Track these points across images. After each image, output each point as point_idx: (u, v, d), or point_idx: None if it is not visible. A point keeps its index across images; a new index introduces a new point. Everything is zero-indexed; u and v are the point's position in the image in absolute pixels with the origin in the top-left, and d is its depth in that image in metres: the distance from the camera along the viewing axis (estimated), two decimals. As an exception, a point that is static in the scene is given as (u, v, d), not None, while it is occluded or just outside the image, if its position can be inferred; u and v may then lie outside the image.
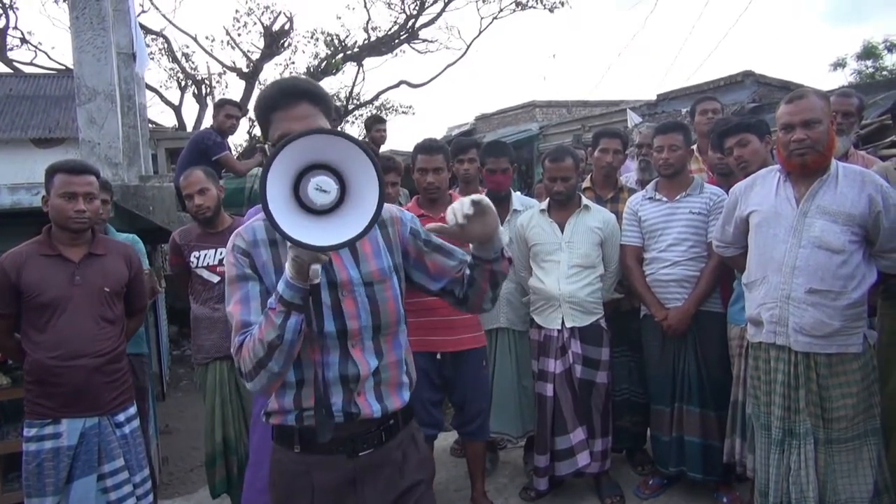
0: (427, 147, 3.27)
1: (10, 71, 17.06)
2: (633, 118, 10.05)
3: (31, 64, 17.87)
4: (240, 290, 1.54)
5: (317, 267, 1.39)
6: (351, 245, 1.41)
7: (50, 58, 25.52)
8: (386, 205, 1.61)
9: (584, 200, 3.47)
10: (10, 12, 17.28)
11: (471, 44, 19.78)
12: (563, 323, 3.34)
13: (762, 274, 2.58)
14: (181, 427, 5.33)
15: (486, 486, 3.49)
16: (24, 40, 17.98)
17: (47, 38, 53.90)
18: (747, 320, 2.72)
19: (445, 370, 3.23)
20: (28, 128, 13.48)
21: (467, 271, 1.69)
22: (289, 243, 1.32)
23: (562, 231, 3.40)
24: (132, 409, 2.75)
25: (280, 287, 1.42)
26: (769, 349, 2.56)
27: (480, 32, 22.08)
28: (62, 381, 2.53)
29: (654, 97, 10.63)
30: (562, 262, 3.37)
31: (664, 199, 3.37)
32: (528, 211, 3.60)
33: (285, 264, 1.42)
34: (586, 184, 3.85)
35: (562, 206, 3.44)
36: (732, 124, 3.19)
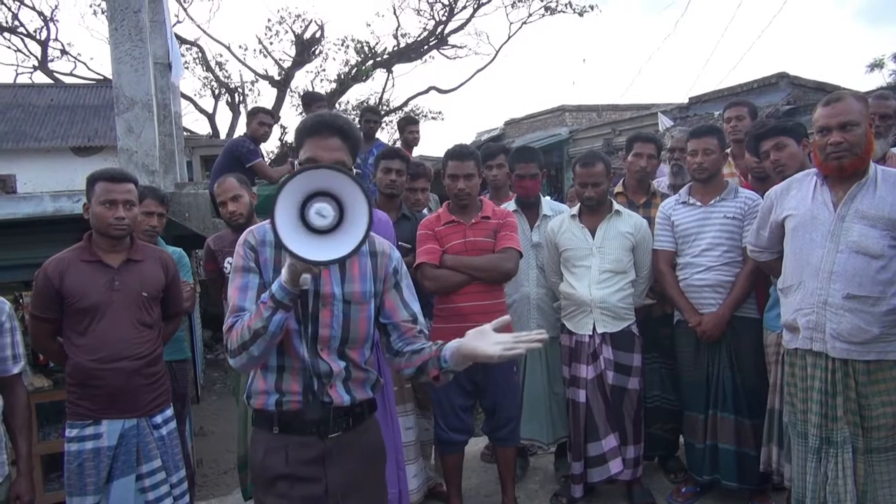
0: (458, 153, 3.28)
1: (51, 81, 17.55)
2: (664, 122, 9.95)
3: (70, 74, 18.38)
4: (241, 278, 1.82)
5: (307, 276, 1.64)
6: (340, 263, 1.76)
7: (89, 68, 26.26)
8: (381, 239, 1.96)
9: (616, 205, 3.46)
10: (51, 24, 17.78)
11: (500, 49, 19.81)
12: (594, 329, 3.32)
13: (798, 279, 2.54)
14: (215, 430, 5.42)
15: (517, 493, 3.48)
16: (64, 51, 18.55)
17: (86, 49, 55.31)
18: (783, 326, 2.68)
19: (476, 376, 3.23)
20: (68, 137, 13.85)
21: (416, 358, 1.87)
22: (288, 253, 1.54)
23: (593, 236, 3.39)
24: (169, 412, 2.80)
25: (274, 287, 1.67)
26: (806, 356, 2.52)
27: (510, 38, 22.14)
28: (102, 383, 2.59)
29: (685, 100, 10.51)
30: (593, 268, 3.35)
31: (698, 203, 3.34)
32: (559, 216, 3.59)
33: (283, 267, 1.67)
34: (618, 189, 3.83)
35: (593, 212, 3.42)
36: (769, 127, 3.14)
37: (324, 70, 19.31)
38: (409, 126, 6.19)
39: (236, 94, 18.42)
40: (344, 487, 1.85)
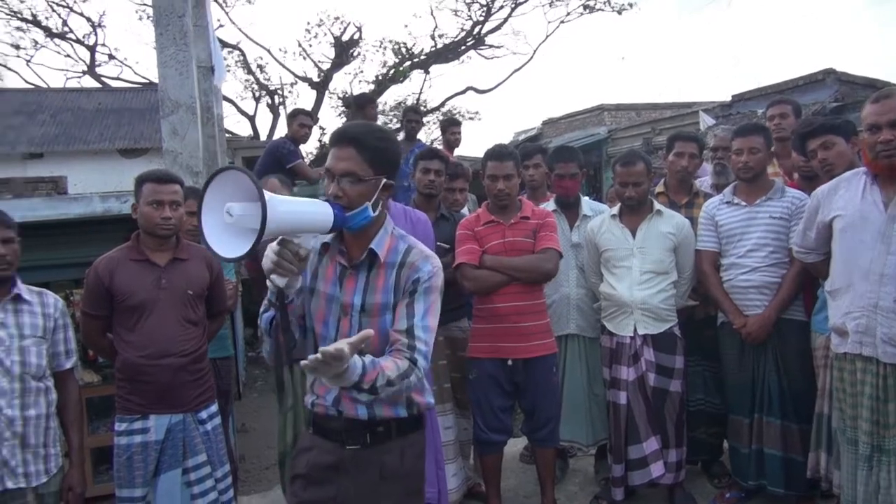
0: (497, 153, 3.27)
1: (99, 86, 18.05)
2: (705, 120, 9.78)
3: (117, 79, 18.84)
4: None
5: (274, 277, 1.72)
6: (365, 275, 1.87)
7: (135, 72, 26.96)
8: (420, 251, 1.89)
9: (657, 205, 3.41)
10: (99, 30, 18.30)
11: (537, 48, 19.73)
12: (635, 330, 3.29)
13: (847, 282, 2.48)
14: (257, 427, 5.49)
15: (556, 494, 3.46)
16: (111, 56, 19.02)
17: (132, 53, 56.77)
18: (831, 330, 2.62)
19: (516, 376, 3.22)
20: (115, 139, 14.24)
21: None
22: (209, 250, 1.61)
23: (633, 237, 3.35)
24: (214, 408, 2.86)
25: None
26: (855, 360, 2.45)
27: (547, 37, 22.03)
28: (150, 378, 2.66)
29: (728, 98, 10.31)
30: (634, 268, 3.31)
31: (743, 203, 3.27)
32: (599, 216, 3.56)
33: (319, 270, 1.85)
34: (659, 188, 3.78)
35: (633, 212, 3.39)
36: (816, 125, 3.07)
37: (361, 72, 19.51)
38: (451, 127, 6.21)
39: (276, 96, 18.68)
40: (354, 503, 1.86)
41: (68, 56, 18.86)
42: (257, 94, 19.25)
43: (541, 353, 3.21)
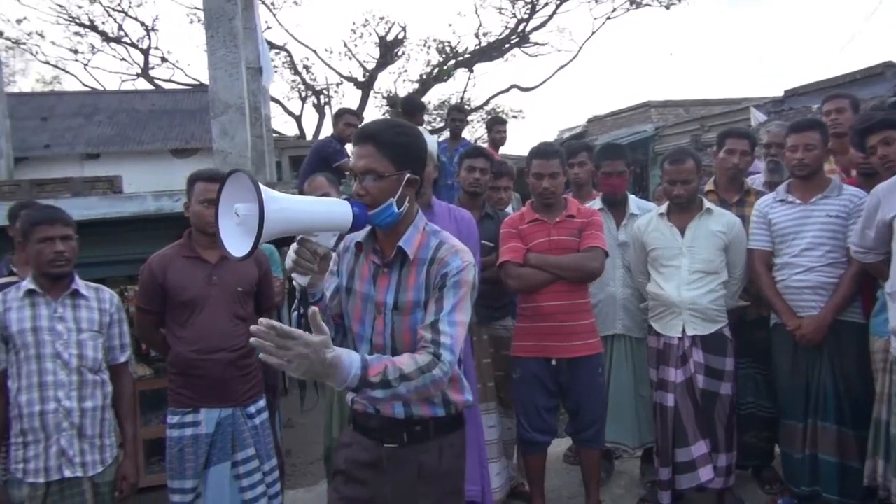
0: (543, 151, 3.25)
1: (152, 87, 18.59)
2: (756, 116, 9.52)
3: (169, 81, 19.43)
4: (328, 281, 1.94)
5: (295, 276, 1.74)
6: (397, 273, 1.85)
7: (186, 74, 27.71)
8: (451, 245, 1.85)
9: (707, 203, 3.34)
10: (153, 34, 18.83)
11: (583, 45, 19.55)
12: (683, 331, 3.22)
13: (909, 283, 2.38)
14: (303, 422, 5.58)
15: (601, 496, 3.42)
16: (164, 59, 19.59)
17: (184, 56, 58.22)
18: (891, 333, 2.52)
19: (560, 376, 3.19)
20: (167, 139, 14.62)
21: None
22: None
23: (682, 235, 3.28)
24: (262, 402, 2.91)
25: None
26: (918, 364, 2.35)
27: (593, 33, 21.76)
28: (201, 373, 2.72)
29: (780, 93, 10.02)
30: (682, 268, 3.25)
31: (798, 201, 3.17)
32: (647, 215, 3.50)
33: (356, 270, 1.89)
34: (709, 186, 3.69)
35: (682, 210, 3.32)
36: (876, 121, 2.95)
37: (406, 71, 19.65)
38: (496, 125, 6.20)
39: (322, 96, 18.95)
40: (392, 503, 1.86)
41: (123, 59, 19.63)
42: (303, 94, 19.56)
43: (585, 353, 3.18)
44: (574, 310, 3.17)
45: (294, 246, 1.73)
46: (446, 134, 6.81)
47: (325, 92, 19.03)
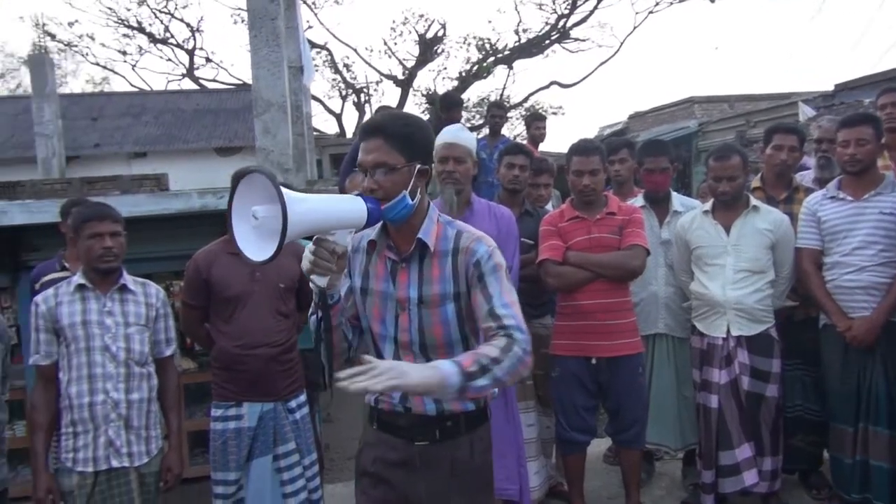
0: (583, 148, 3.21)
1: (197, 87, 18.99)
2: (805, 111, 9.27)
3: (213, 80, 19.79)
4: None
5: (314, 277, 1.68)
6: (418, 266, 1.81)
7: (230, 74, 28.08)
8: (472, 234, 1.83)
9: (753, 201, 3.25)
10: (198, 35, 19.24)
11: (624, 40, 19.27)
12: (728, 331, 3.15)
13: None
14: (342, 417, 5.63)
15: (642, 498, 3.37)
16: (208, 59, 19.97)
17: (227, 56, 59.30)
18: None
19: (600, 376, 3.16)
20: (211, 138, 14.93)
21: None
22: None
23: (727, 233, 3.21)
24: (302, 397, 2.95)
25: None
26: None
27: (635, 28, 21.43)
28: (244, 367, 2.77)
29: (830, 87, 9.72)
30: (727, 267, 3.17)
31: (849, 198, 3.07)
32: (691, 212, 3.43)
33: (370, 269, 1.83)
34: (756, 183, 3.60)
35: (727, 207, 3.24)
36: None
37: (445, 68, 19.70)
38: (535, 122, 6.15)
39: (362, 95, 19.10)
40: (425, 501, 1.82)
41: (169, 60, 20.06)
42: (344, 92, 19.74)
43: (626, 352, 3.13)
44: (615, 308, 3.13)
45: (310, 246, 1.68)
46: (486, 131, 6.79)
47: (364, 90, 19.19)
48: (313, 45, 17.72)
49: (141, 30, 18.83)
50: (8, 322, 3.93)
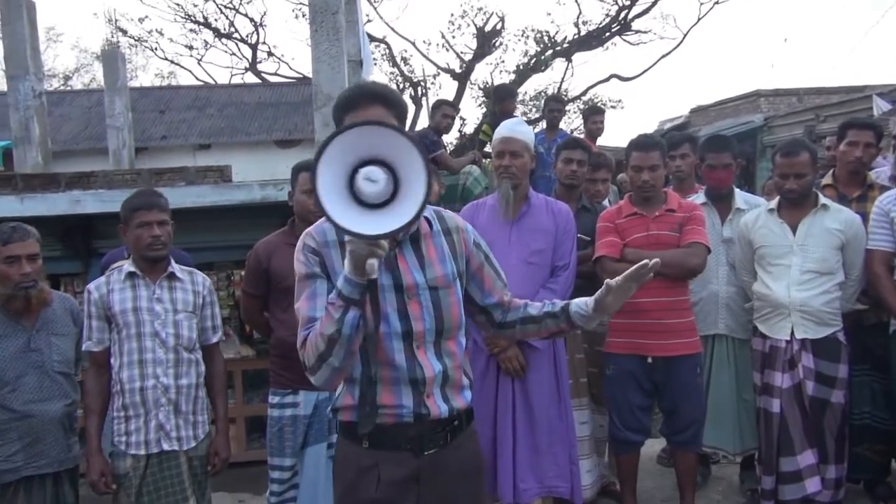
0: (643, 143, 3.16)
1: (259, 81, 19.41)
2: (880, 105, 8.86)
3: (275, 74, 20.17)
4: (308, 287, 1.64)
5: (373, 262, 1.40)
6: (416, 249, 1.66)
7: (291, 68, 28.54)
8: (452, 214, 1.79)
9: (822, 199, 3.13)
10: (261, 29, 19.65)
11: (688, 32, 18.73)
12: (792, 333, 3.05)
13: None
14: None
15: (696, 502, 3.30)
16: (270, 53, 20.37)
17: (288, 50, 60.41)
18: None
19: (655, 375, 3.11)
20: (272, 131, 15.24)
21: (532, 311, 1.79)
22: (346, 238, 1.40)
23: (794, 233, 3.10)
24: (357, 387, 2.99)
25: (339, 282, 1.47)
26: None
27: (700, 19, 20.77)
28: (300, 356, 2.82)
29: (908, 80, 9.24)
30: (793, 267, 3.07)
31: (926, 198, 2.93)
32: (755, 210, 3.33)
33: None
34: (827, 181, 3.46)
35: (794, 206, 3.13)
36: None
37: (503, 61, 19.53)
38: (593, 116, 6.07)
39: (419, 88, 19.14)
40: None
41: (233, 54, 20.46)
42: (401, 86, 19.81)
43: (683, 352, 3.07)
44: (672, 307, 3.07)
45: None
46: (543, 125, 6.73)
47: (422, 84, 19.23)
48: (372, 38, 17.87)
49: (207, 25, 19.35)
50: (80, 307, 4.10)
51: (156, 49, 20.73)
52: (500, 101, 6.21)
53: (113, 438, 2.59)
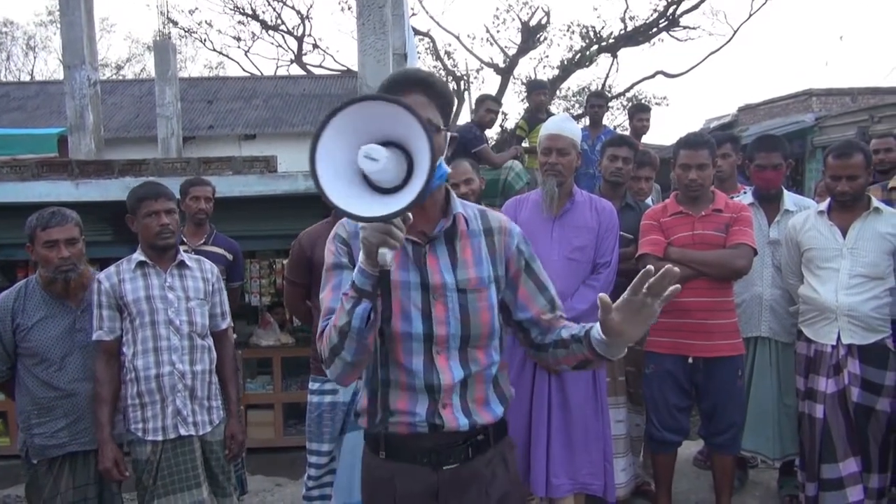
0: (691, 142, 3.12)
1: (304, 73, 19.66)
2: (940, 107, 8.52)
3: (320, 66, 20.40)
4: (334, 277, 1.55)
5: (385, 251, 1.31)
6: (450, 248, 1.53)
7: (335, 60, 28.91)
8: (498, 214, 1.65)
9: (875, 202, 3.05)
10: (307, 22, 19.88)
11: (738, 28, 18.33)
12: (838, 338, 2.98)
13: None
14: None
15: (734, 505, 3.26)
16: (315, 46, 20.63)
17: (333, 43, 60.95)
18: None
19: (696, 376, 3.08)
20: (316, 122, 15.38)
21: (564, 333, 1.57)
22: (359, 226, 1.34)
23: (843, 236, 3.03)
24: (396, 376, 3.03)
25: (354, 273, 1.39)
26: None
27: (751, 15, 20.35)
28: (340, 344, 2.87)
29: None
30: (842, 271, 3.00)
31: (984, 203, 2.83)
32: (804, 212, 3.26)
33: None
34: (893, 183, 3.36)
35: (845, 208, 3.06)
36: None
37: (547, 56, 19.41)
38: (638, 113, 6.01)
39: (462, 82, 19.13)
40: None
41: (279, 46, 20.79)
42: (445, 80, 19.81)
43: (725, 353, 3.03)
44: (715, 308, 3.03)
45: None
46: (585, 121, 6.69)
47: (465, 78, 19.22)
48: (417, 32, 17.92)
49: (255, 17, 19.69)
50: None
51: (205, 40, 21.19)
52: (529, 93, 6.29)
53: (129, 426, 2.60)
